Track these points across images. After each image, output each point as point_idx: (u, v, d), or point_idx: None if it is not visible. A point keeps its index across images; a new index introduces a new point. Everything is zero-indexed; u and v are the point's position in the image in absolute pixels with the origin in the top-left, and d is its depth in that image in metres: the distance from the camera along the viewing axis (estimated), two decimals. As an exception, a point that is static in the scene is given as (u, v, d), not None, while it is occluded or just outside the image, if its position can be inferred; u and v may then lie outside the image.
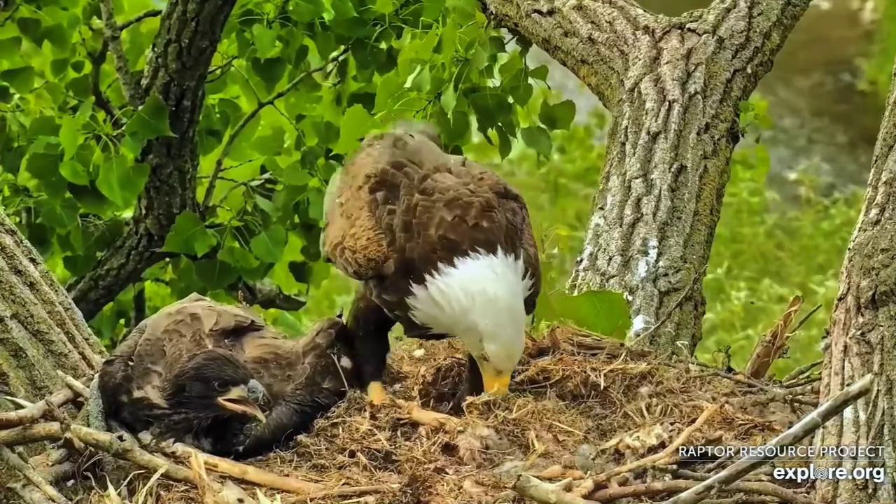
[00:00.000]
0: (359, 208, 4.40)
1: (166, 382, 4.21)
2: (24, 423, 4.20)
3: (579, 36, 6.61)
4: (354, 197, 4.42)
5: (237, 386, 4.15)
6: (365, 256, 4.34)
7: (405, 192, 4.36)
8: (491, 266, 4.32)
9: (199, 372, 4.16)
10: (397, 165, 4.41)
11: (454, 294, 4.28)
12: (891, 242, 3.93)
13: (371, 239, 4.34)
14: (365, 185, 4.41)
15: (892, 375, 3.88)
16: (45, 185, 7.66)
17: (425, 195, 4.35)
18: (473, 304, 4.27)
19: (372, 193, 4.39)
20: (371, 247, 4.34)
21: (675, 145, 6.15)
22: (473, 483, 4.04)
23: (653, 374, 4.58)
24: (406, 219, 4.33)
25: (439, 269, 4.29)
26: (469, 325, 4.29)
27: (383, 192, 4.38)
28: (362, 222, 4.37)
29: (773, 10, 6.44)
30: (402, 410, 4.31)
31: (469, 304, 4.27)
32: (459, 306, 4.28)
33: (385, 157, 4.45)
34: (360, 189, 4.42)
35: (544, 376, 4.59)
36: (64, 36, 8.04)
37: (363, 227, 4.36)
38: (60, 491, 4.13)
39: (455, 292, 4.28)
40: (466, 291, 4.28)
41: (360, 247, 4.35)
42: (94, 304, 8.17)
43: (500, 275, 4.33)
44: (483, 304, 4.27)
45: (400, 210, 4.34)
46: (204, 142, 8.19)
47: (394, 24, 7.86)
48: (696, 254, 6.00)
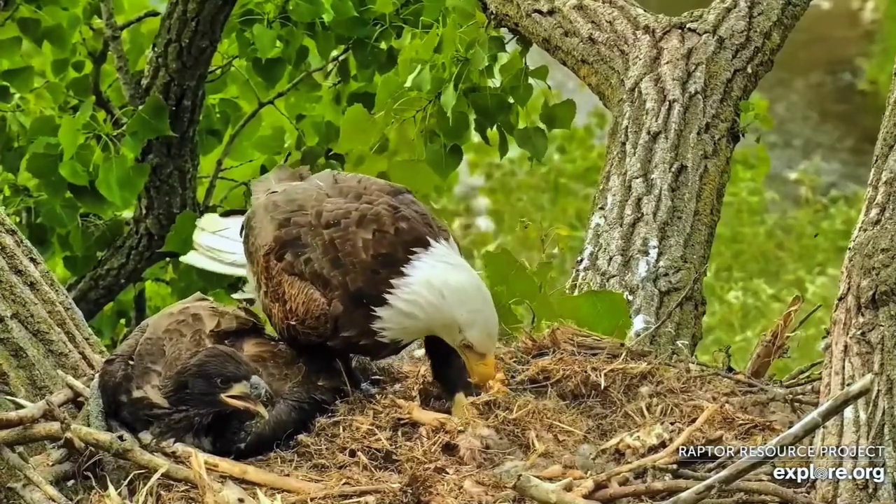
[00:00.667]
0: (279, 283, 4.35)
1: (167, 380, 4.21)
2: (25, 423, 4.20)
3: (579, 36, 6.61)
4: (268, 277, 4.37)
5: (239, 382, 4.15)
6: (312, 317, 4.30)
7: (311, 237, 4.33)
8: (435, 258, 4.31)
9: (202, 369, 4.16)
10: (283, 224, 4.37)
11: (422, 297, 4.26)
12: (891, 242, 3.93)
13: (306, 300, 4.30)
14: (268, 260, 4.36)
15: (892, 375, 3.88)
16: (46, 184, 7.65)
17: (333, 227, 4.32)
18: (444, 298, 4.26)
19: (280, 261, 4.35)
20: (310, 304, 4.30)
21: (675, 145, 6.15)
22: (474, 483, 4.04)
23: (653, 373, 4.58)
24: (330, 256, 4.30)
25: (393, 284, 4.27)
26: (446, 321, 4.28)
27: (287, 250, 4.34)
28: (290, 293, 4.33)
29: (774, 9, 6.44)
30: (403, 410, 4.31)
31: (440, 300, 4.26)
32: (432, 306, 4.26)
33: (266, 227, 4.40)
34: (267, 267, 4.37)
35: (545, 376, 4.60)
36: (64, 36, 8.04)
37: (292, 296, 4.32)
38: (61, 491, 4.13)
39: (423, 295, 4.26)
40: (432, 289, 4.26)
41: (302, 313, 4.31)
42: (94, 303, 8.17)
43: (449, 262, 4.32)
44: (453, 295, 4.26)
45: (317, 254, 4.31)
46: (204, 141, 8.20)
47: (394, 23, 7.85)
48: (697, 253, 6.00)
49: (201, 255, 4.79)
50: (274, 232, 4.37)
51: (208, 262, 4.77)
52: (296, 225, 4.35)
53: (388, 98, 6.81)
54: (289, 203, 4.41)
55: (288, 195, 4.46)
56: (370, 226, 4.31)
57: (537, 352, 4.78)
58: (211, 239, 4.75)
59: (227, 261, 4.73)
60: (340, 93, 8.38)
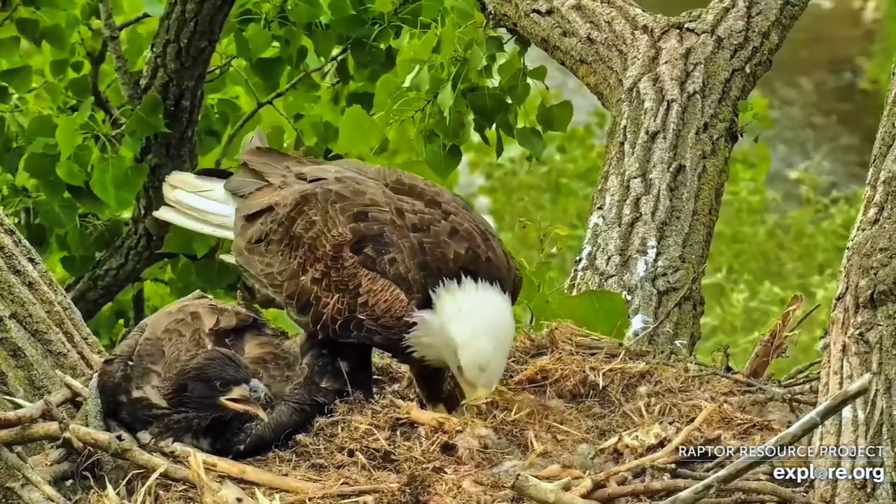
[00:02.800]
0: (352, 276, 4.34)
1: (166, 382, 4.21)
2: (23, 423, 4.20)
3: (578, 36, 6.61)
4: (336, 267, 4.36)
5: (239, 385, 4.15)
6: (394, 317, 4.31)
7: (395, 236, 4.33)
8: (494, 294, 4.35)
9: (201, 372, 4.16)
10: (359, 217, 4.37)
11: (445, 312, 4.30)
12: (889, 242, 3.93)
13: (391, 298, 4.31)
14: (340, 250, 4.36)
15: (890, 375, 3.87)
16: (44, 185, 7.65)
17: (421, 232, 4.34)
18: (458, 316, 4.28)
19: (357, 254, 4.35)
20: (395, 303, 4.31)
21: (673, 145, 6.15)
22: (472, 482, 4.04)
23: (651, 373, 4.58)
24: (418, 260, 4.31)
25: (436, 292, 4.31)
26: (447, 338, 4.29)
27: (368, 245, 4.35)
28: (370, 288, 4.33)
29: (772, 9, 6.44)
30: (401, 410, 4.31)
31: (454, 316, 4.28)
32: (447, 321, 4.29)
33: (335, 216, 4.39)
34: (337, 258, 4.35)
35: (543, 376, 4.60)
36: (62, 36, 8.03)
37: (372, 291, 4.32)
38: (59, 490, 4.13)
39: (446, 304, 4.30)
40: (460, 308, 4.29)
41: (381, 310, 4.31)
42: (92, 304, 8.17)
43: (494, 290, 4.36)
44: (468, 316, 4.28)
45: (403, 255, 4.31)
46: (203, 142, 8.19)
47: (392, 23, 7.85)
48: (695, 253, 6.00)
49: (179, 214, 4.75)
50: (349, 224, 4.35)
51: (188, 221, 4.74)
52: (375, 220, 4.36)
53: (386, 98, 6.81)
54: (357, 195, 4.41)
55: (349, 187, 4.44)
56: (464, 243, 4.35)
57: (536, 351, 4.78)
58: (192, 198, 4.73)
59: (214, 222, 4.70)
60: (339, 93, 8.38)
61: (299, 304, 4.38)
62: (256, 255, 4.46)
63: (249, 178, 4.61)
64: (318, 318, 4.36)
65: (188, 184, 4.74)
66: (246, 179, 4.61)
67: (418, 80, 6.73)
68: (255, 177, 4.60)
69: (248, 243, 4.49)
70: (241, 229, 4.53)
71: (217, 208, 4.68)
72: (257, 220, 4.49)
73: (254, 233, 4.48)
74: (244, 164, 4.64)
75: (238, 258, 4.51)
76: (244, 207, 4.54)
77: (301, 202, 4.44)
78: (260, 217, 4.49)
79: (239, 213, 4.56)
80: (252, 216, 4.51)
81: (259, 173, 4.59)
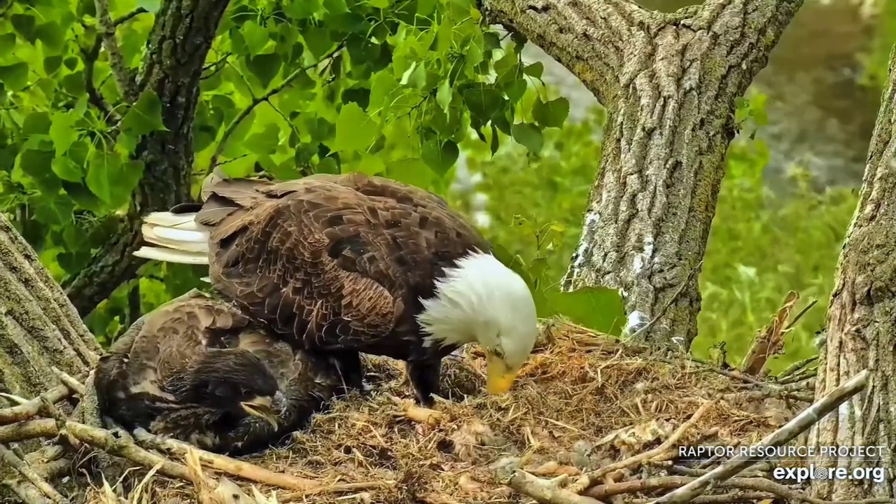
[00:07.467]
0: (334, 279, 4.35)
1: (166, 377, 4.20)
2: (20, 420, 4.20)
3: (574, 32, 6.61)
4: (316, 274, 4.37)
5: (263, 396, 4.16)
6: (379, 314, 4.31)
7: (371, 235, 4.35)
8: (490, 261, 4.35)
9: (229, 376, 4.15)
10: (334, 221, 4.38)
11: (473, 290, 4.29)
12: (886, 238, 3.93)
13: (375, 296, 4.32)
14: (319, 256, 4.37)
15: (887, 371, 3.87)
16: (40, 182, 7.64)
17: (394, 227, 4.35)
18: (493, 296, 4.28)
19: (335, 257, 4.36)
20: (379, 301, 4.31)
21: (670, 141, 6.15)
22: (469, 479, 4.03)
23: (648, 370, 4.58)
24: (396, 255, 4.32)
25: (445, 273, 4.30)
26: (489, 319, 4.29)
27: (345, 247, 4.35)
28: (353, 289, 4.34)
29: (768, 5, 6.44)
30: (398, 407, 4.31)
31: (488, 295, 4.28)
32: (479, 299, 4.28)
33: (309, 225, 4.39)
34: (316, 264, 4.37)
35: (543, 371, 4.59)
36: (57, 33, 8.02)
37: (356, 292, 4.34)
38: (56, 487, 4.13)
39: (474, 288, 4.29)
40: (486, 284, 4.29)
41: (367, 309, 4.32)
42: (88, 300, 8.16)
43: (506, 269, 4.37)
44: (504, 297, 4.29)
45: (381, 252, 4.32)
46: (198, 138, 8.19)
47: (388, 19, 7.85)
48: (692, 250, 6.00)
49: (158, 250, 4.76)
50: (325, 229, 4.36)
51: (168, 255, 4.77)
52: (350, 222, 4.36)
53: (382, 95, 6.80)
54: (329, 201, 4.42)
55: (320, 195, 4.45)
56: (432, 228, 4.36)
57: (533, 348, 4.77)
58: (170, 232, 4.75)
59: (192, 251, 4.70)
60: (334, 90, 8.38)
61: (282, 317, 4.39)
62: (235, 279, 4.47)
63: (219, 206, 4.62)
64: (303, 328, 4.37)
65: (165, 220, 4.77)
66: (215, 209, 4.62)
67: (415, 76, 6.72)
68: (224, 204, 4.61)
69: (225, 268, 4.50)
70: (216, 256, 4.54)
71: (193, 237, 4.69)
72: (232, 243, 4.50)
73: (230, 256, 4.49)
74: (212, 195, 4.65)
75: (216, 285, 4.52)
76: (218, 234, 4.56)
77: (275, 216, 4.45)
78: (234, 240, 4.50)
79: (213, 241, 4.56)
80: (226, 240, 4.52)
81: (229, 200, 4.60)
